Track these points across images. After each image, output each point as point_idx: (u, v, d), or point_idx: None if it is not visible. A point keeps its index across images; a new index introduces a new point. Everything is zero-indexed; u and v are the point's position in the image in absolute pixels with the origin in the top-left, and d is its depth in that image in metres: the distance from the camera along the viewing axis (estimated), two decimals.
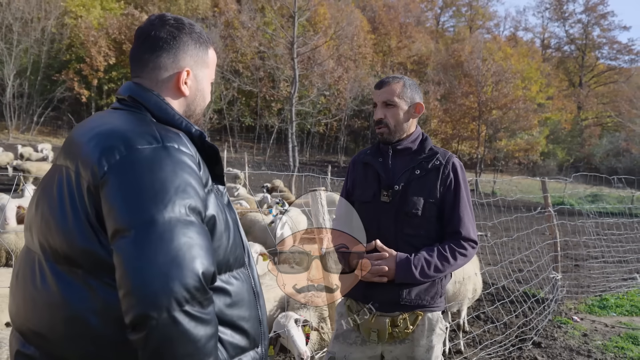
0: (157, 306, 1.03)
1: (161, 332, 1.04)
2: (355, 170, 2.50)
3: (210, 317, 1.12)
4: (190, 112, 1.47)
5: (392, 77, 2.38)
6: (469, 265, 5.09)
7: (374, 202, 2.34)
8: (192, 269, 1.07)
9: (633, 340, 5.61)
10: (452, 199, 2.27)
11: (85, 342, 1.17)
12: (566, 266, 9.27)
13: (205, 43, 1.48)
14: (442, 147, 2.42)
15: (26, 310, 1.25)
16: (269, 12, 30.84)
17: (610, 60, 63.74)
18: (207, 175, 1.31)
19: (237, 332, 1.33)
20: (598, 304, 7.00)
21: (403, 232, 2.28)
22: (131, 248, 1.06)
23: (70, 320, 1.16)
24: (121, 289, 1.07)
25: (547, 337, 5.62)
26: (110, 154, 1.14)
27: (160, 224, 1.08)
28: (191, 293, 1.06)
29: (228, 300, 1.30)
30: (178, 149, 1.19)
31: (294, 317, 3.03)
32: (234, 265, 1.36)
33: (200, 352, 1.09)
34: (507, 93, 36.66)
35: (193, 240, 1.10)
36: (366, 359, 2.37)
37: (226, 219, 1.34)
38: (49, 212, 1.22)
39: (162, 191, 1.11)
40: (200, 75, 1.47)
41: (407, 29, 55.79)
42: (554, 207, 7.26)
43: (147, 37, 1.41)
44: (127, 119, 1.28)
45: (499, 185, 31.65)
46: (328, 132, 47.14)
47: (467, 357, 4.90)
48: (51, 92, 36.92)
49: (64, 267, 1.18)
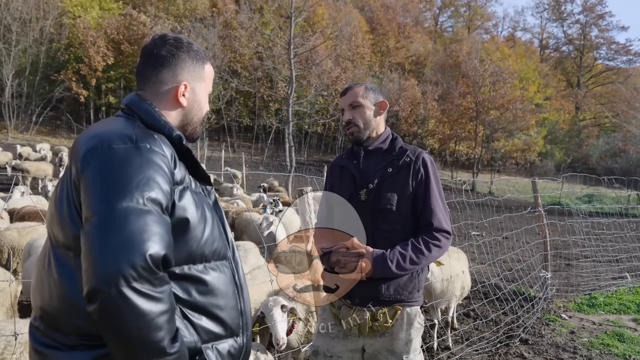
0: (106, 282, 1.16)
1: (110, 304, 1.17)
2: (332, 174, 2.64)
3: (161, 295, 1.24)
4: (188, 120, 1.66)
5: (354, 84, 2.55)
6: (457, 263, 5.21)
7: (351, 201, 2.45)
8: (140, 251, 1.20)
9: (619, 338, 5.72)
10: (423, 193, 2.38)
11: (75, 318, 1.34)
12: (558, 265, 9.39)
13: (202, 59, 1.68)
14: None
15: (37, 289, 1.45)
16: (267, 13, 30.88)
17: (608, 60, 63.96)
18: (184, 174, 1.47)
19: (211, 319, 1.46)
20: (587, 303, 7.10)
21: (379, 228, 2.38)
22: (93, 231, 1.22)
23: (64, 298, 1.35)
24: (83, 265, 1.22)
25: (534, 334, 5.72)
26: (91, 152, 1.33)
27: (118, 211, 1.23)
28: (138, 272, 1.19)
29: (202, 288, 1.45)
30: (150, 148, 1.36)
31: (282, 303, 3.14)
32: (211, 257, 1.50)
33: (149, 326, 1.21)
34: (504, 93, 36.74)
35: (146, 226, 1.24)
36: (348, 352, 2.48)
37: (203, 214, 1.49)
38: (53, 205, 1.44)
39: (125, 183, 1.27)
40: (197, 88, 1.67)
41: (405, 29, 55.90)
42: (548, 207, 7.37)
43: (150, 55, 1.61)
44: (117, 124, 1.46)
45: (496, 185, 31.75)
46: (326, 132, 47.22)
47: (454, 353, 5.01)
48: (50, 92, 36.94)
49: (62, 251, 1.38)
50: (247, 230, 7.55)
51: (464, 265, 5.47)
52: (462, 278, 5.23)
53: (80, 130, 37.51)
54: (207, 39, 38.48)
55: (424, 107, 42.70)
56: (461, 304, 6.51)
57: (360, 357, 2.50)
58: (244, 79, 38.35)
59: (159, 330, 1.23)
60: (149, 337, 1.22)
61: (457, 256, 5.57)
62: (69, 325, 1.36)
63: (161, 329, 1.24)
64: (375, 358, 2.45)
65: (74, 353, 1.36)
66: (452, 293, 5.06)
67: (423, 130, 44.37)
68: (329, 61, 37.40)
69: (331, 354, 2.48)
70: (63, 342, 1.37)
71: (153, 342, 1.23)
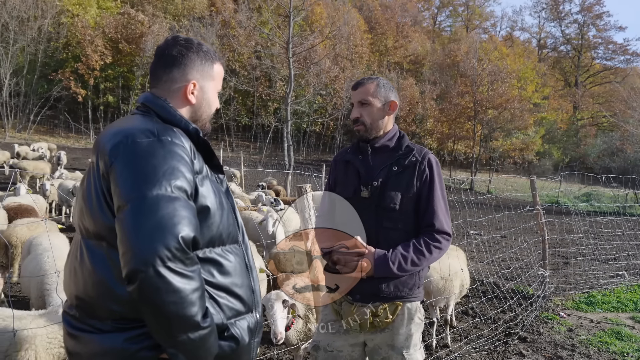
0: (145, 262, 1.30)
1: (149, 283, 1.30)
2: (337, 168, 2.62)
3: (192, 274, 1.38)
4: (197, 117, 1.77)
5: (367, 78, 2.50)
6: (455, 261, 5.22)
7: (355, 197, 2.45)
8: (173, 233, 1.34)
9: (617, 335, 5.74)
10: (427, 193, 2.38)
11: (110, 302, 1.46)
12: (556, 264, 9.41)
13: (211, 59, 1.78)
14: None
15: (71, 280, 1.57)
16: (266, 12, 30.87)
17: (606, 60, 64.03)
18: (202, 164, 1.60)
19: (232, 297, 1.61)
20: (585, 301, 7.12)
21: (382, 226, 2.38)
22: (127, 218, 1.35)
23: (98, 284, 1.47)
24: (120, 250, 1.35)
25: (533, 332, 5.73)
26: (117, 147, 1.45)
27: (149, 199, 1.36)
28: (172, 252, 1.33)
29: (222, 269, 1.59)
30: (171, 141, 1.49)
31: (283, 298, 3.15)
32: (227, 241, 1.64)
33: (184, 301, 1.34)
34: (502, 93, 36.74)
35: (176, 211, 1.37)
36: (348, 346, 2.49)
37: (220, 201, 1.63)
38: (81, 199, 1.55)
39: (153, 173, 1.39)
40: (206, 87, 1.78)
41: (404, 28, 55.86)
42: (546, 206, 7.38)
43: (162, 55, 1.73)
44: (137, 121, 1.58)
45: (495, 184, 31.80)
46: (324, 131, 47.21)
47: (453, 351, 5.02)
48: (48, 91, 36.86)
49: (94, 242, 1.50)
50: (246, 228, 7.53)
51: (462, 264, 5.48)
52: (461, 276, 5.24)
53: (79, 130, 37.75)
54: (205, 38, 38.40)
55: (422, 106, 42.73)
56: (460, 302, 6.52)
57: (361, 351, 2.51)
58: (242, 78, 38.33)
59: (193, 306, 1.37)
60: (184, 312, 1.35)
61: (456, 254, 5.58)
62: (104, 310, 1.47)
63: (194, 304, 1.37)
64: (376, 353, 2.45)
65: (109, 335, 1.47)
66: (451, 291, 5.06)
67: (421, 129, 44.40)
68: (327, 60, 37.43)
69: (332, 348, 2.49)
70: (99, 327, 1.49)
71: (188, 316, 1.36)
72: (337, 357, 2.49)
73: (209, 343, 1.45)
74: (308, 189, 3.25)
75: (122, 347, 1.46)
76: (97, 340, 1.48)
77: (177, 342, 1.38)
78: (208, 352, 1.47)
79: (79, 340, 1.53)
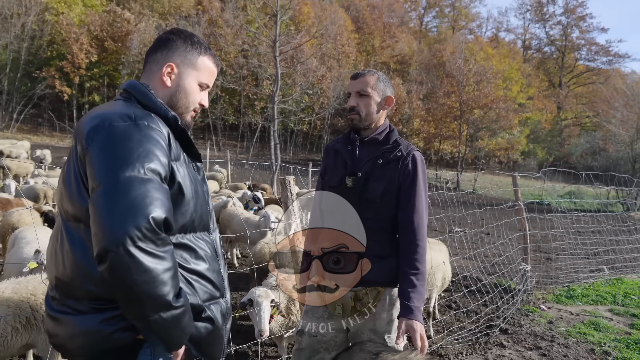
0: (115, 242, 1.31)
1: (119, 263, 1.31)
2: (327, 156, 2.68)
3: (164, 254, 1.40)
4: (173, 103, 1.75)
5: (368, 70, 2.54)
6: (438, 254, 5.31)
7: (340, 186, 2.51)
8: (144, 214, 1.35)
9: (595, 327, 5.87)
10: (408, 188, 2.43)
11: (87, 283, 1.49)
12: (538, 259, 9.57)
13: (198, 49, 1.79)
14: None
15: (52, 261, 1.61)
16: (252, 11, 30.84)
17: (589, 61, 64.92)
18: (180, 151, 1.63)
19: (206, 281, 1.65)
20: (565, 294, 7.26)
21: (363, 216, 2.45)
22: (100, 199, 1.36)
23: (76, 265, 1.50)
24: (92, 230, 1.37)
25: (514, 324, 5.84)
26: (94, 130, 1.47)
27: (122, 180, 1.37)
28: (142, 232, 1.34)
29: (196, 255, 1.64)
30: (148, 125, 1.51)
31: (271, 297, 3.20)
32: (198, 228, 1.68)
33: (155, 281, 1.36)
34: (488, 93, 37.17)
35: (148, 192, 1.39)
36: (332, 332, 2.55)
37: (196, 189, 1.66)
38: (62, 183, 1.59)
39: (127, 156, 1.41)
40: (185, 73, 1.76)
41: (391, 28, 56.16)
42: (528, 202, 7.51)
43: (155, 41, 1.80)
44: (117, 106, 1.59)
45: (480, 182, 32.11)
46: (311, 130, 47.27)
47: (435, 342, 5.10)
48: (31, 89, 36.44)
49: (72, 224, 1.52)
50: (231, 224, 7.58)
51: (444, 257, 5.57)
52: (443, 269, 5.33)
53: (63, 129, 37.30)
54: None
55: (408, 106, 42.98)
56: (442, 296, 6.62)
57: (344, 336, 2.57)
58: (229, 77, 38.21)
59: (164, 285, 1.38)
60: (155, 291, 1.36)
61: (438, 247, 5.67)
62: (81, 290, 1.50)
63: (166, 284, 1.39)
64: (358, 337, 2.51)
65: (86, 317, 1.50)
66: (433, 284, 5.15)
67: (408, 129, 44.66)
68: (314, 59, 37.48)
69: (316, 333, 2.55)
70: (76, 307, 1.52)
71: (159, 296, 1.37)
72: (320, 341, 2.55)
73: (182, 323, 1.47)
74: (291, 180, 3.31)
75: (98, 328, 1.48)
76: (74, 322, 1.51)
77: (149, 322, 1.40)
78: (182, 332, 1.49)
79: (58, 322, 1.56)
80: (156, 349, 1.54)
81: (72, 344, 1.52)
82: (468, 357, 4.83)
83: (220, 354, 1.75)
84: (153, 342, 1.49)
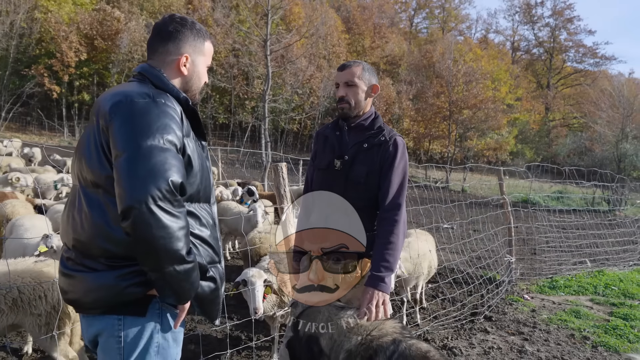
0: (138, 201, 1.50)
1: (141, 219, 1.51)
2: (317, 142, 2.89)
3: (179, 214, 1.59)
4: (188, 87, 1.96)
5: (353, 61, 2.75)
6: (424, 244, 5.49)
7: (329, 169, 2.72)
8: (163, 177, 1.55)
9: (576, 314, 6.10)
10: (387, 169, 2.63)
11: (104, 242, 1.65)
12: (523, 252, 9.80)
13: (203, 37, 1.98)
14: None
15: (69, 226, 1.77)
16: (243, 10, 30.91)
17: (577, 63, 65.78)
18: (189, 129, 1.81)
19: (207, 246, 1.84)
20: (548, 285, 7.49)
21: (349, 196, 2.65)
22: (124, 163, 1.55)
23: (94, 226, 1.66)
24: (117, 191, 1.56)
25: (498, 312, 6.05)
26: (117, 105, 1.66)
27: (144, 148, 1.57)
28: (162, 193, 1.54)
29: (198, 222, 1.81)
30: (164, 103, 1.70)
31: (264, 277, 3.36)
32: (202, 199, 1.87)
33: (171, 236, 1.55)
34: (477, 93, 37.53)
35: (167, 160, 1.58)
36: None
37: (202, 164, 1.85)
38: (81, 152, 1.75)
39: (147, 128, 1.60)
40: (197, 61, 1.97)
41: (381, 29, 56.39)
42: (511, 196, 7.71)
43: (159, 30, 1.93)
44: (134, 86, 1.78)
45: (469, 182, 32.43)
46: (302, 130, 47.38)
47: (421, 326, 5.29)
48: (20, 87, 36.16)
49: (91, 190, 1.69)
50: (224, 219, 7.70)
51: (431, 246, 5.75)
52: (429, 257, 5.51)
53: (52, 127, 37.08)
54: None
55: (398, 106, 43.23)
56: (430, 286, 6.81)
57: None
58: (219, 76, 38.22)
59: (179, 241, 1.57)
60: (170, 245, 1.55)
61: (425, 238, 5.85)
62: (99, 249, 1.66)
63: (180, 240, 1.57)
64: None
65: (101, 273, 1.67)
66: (420, 272, 5.33)
67: (398, 129, 44.88)
68: (304, 59, 37.61)
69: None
70: (92, 266, 1.68)
71: (174, 250, 1.56)
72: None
73: (192, 277, 1.64)
74: (283, 167, 3.46)
75: (114, 283, 1.65)
76: (90, 279, 1.68)
77: (165, 273, 1.57)
78: (191, 286, 1.66)
79: (73, 278, 1.72)
80: (164, 304, 1.71)
81: (88, 297, 1.69)
82: (453, 341, 5.01)
83: (218, 314, 1.92)
84: (164, 295, 1.66)
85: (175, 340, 1.82)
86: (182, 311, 1.77)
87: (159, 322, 1.74)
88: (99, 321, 1.72)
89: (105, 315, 1.70)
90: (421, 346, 2.06)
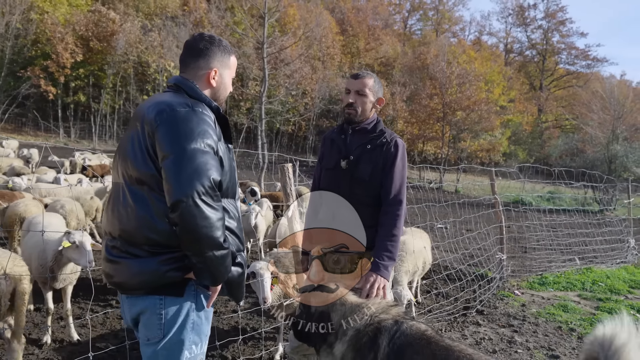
0: (185, 195, 1.78)
1: (188, 211, 1.78)
2: (324, 144, 3.19)
3: (218, 207, 1.87)
4: (216, 97, 2.22)
5: (366, 73, 3.05)
6: (419, 241, 5.76)
7: (335, 168, 3.00)
8: (206, 175, 1.83)
9: (563, 309, 6.40)
10: (388, 167, 2.91)
11: (148, 232, 1.90)
12: (514, 250, 10.11)
13: (228, 52, 2.25)
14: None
15: (114, 218, 2.00)
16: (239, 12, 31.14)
17: (569, 65, 66.45)
18: (220, 134, 2.05)
19: (235, 236, 2.09)
20: (538, 281, 7.79)
21: (354, 192, 2.93)
22: (171, 164, 1.82)
23: (140, 218, 1.91)
24: (165, 187, 1.84)
25: (489, 306, 6.35)
26: (161, 113, 1.91)
27: (188, 151, 1.83)
28: (205, 189, 1.81)
29: (228, 215, 2.05)
30: (201, 111, 1.96)
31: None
32: (230, 195, 2.12)
33: (212, 226, 1.83)
34: (470, 95, 37.90)
35: (208, 161, 1.86)
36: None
37: (231, 164, 2.11)
38: (126, 153, 1.99)
39: (190, 133, 1.87)
40: (224, 74, 2.24)
41: (375, 31, 56.78)
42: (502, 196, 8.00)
43: (191, 48, 2.19)
44: (172, 96, 2.04)
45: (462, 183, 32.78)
46: (297, 131, 47.63)
47: (415, 319, 5.56)
48: (15, 88, 36.21)
49: (136, 187, 1.94)
50: None
51: (426, 243, 6.03)
52: (424, 253, 5.79)
53: (48, 128, 37.11)
54: (178, 37, 38.39)
55: (392, 107, 43.51)
56: (424, 283, 7.09)
57: None
58: None
59: (218, 230, 1.85)
60: (212, 234, 1.82)
61: (420, 235, 6.14)
62: (143, 238, 1.91)
63: (219, 229, 1.85)
64: None
65: (144, 259, 1.92)
66: (416, 266, 5.60)
67: (392, 130, 45.07)
68: (299, 61, 37.84)
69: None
70: (135, 253, 1.93)
71: (214, 237, 1.83)
72: None
73: (227, 262, 1.92)
74: (289, 167, 3.72)
75: (156, 268, 1.91)
76: (134, 264, 1.93)
77: (206, 258, 1.83)
78: (225, 270, 1.94)
79: (118, 264, 1.97)
80: (199, 286, 1.99)
81: (133, 281, 1.94)
82: (447, 333, 5.29)
83: (242, 296, 2.20)
84: (202, 277, 1.92)
85: (207, 319, 2.09)
86: (214, 292, 2.03)
87: (194, 302, 2.00)
88: (143, 301, 1.97)
89: (148, 296, 1.95)
90: (420, 326, 2.33)
